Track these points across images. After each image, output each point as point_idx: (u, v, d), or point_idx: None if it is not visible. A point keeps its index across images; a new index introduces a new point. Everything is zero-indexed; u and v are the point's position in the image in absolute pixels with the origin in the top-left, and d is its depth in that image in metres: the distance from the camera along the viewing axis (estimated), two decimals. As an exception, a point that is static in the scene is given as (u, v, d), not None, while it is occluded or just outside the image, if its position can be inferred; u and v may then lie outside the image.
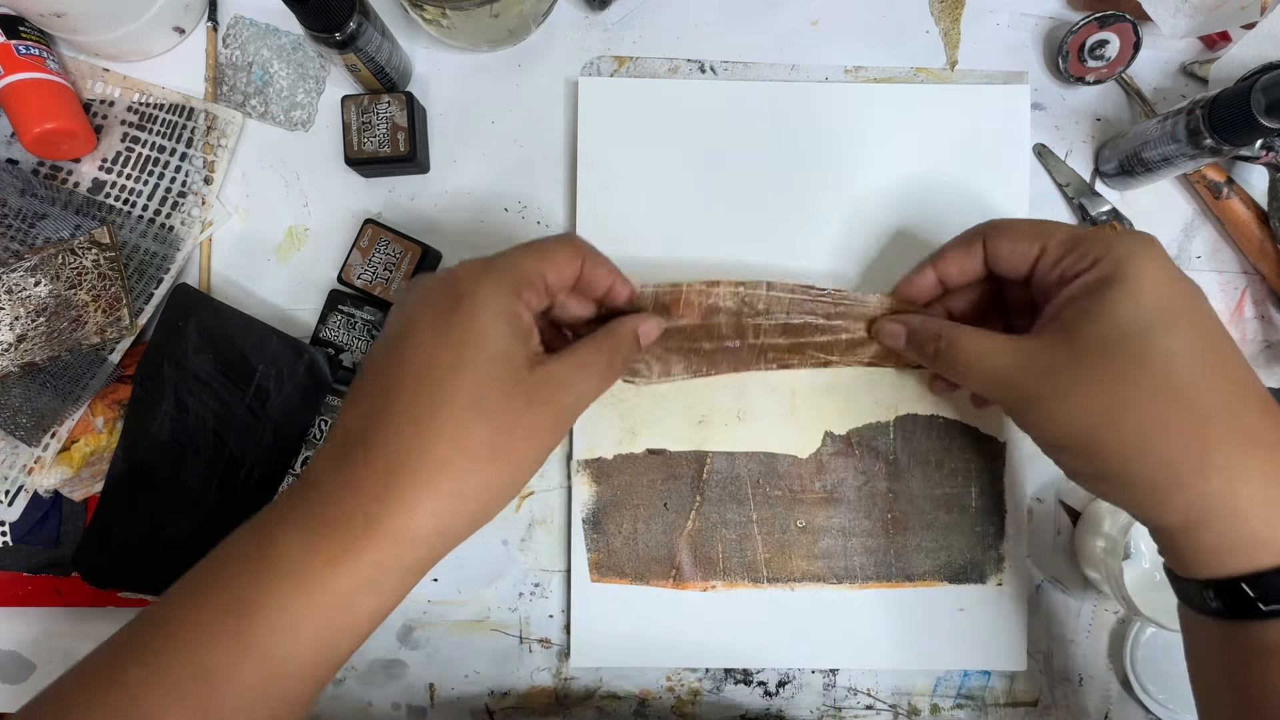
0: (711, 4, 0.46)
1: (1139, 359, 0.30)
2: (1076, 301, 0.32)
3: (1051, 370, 0.32)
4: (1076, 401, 0.31)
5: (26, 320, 0.42)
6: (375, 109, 0.43)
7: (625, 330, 0.37)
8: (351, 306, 0.43)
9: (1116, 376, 0.30)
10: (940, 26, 0.46)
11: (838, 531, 0.44)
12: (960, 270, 0.38)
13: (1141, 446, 0.30)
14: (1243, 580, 0.29)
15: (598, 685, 0.45)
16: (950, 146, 0.45)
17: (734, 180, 0.45)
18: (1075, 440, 0.31)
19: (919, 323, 0.38)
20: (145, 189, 0.45)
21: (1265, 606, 0.29)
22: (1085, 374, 0.31)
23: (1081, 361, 0.31)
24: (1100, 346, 0.31)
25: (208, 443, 0.42)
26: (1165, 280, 0.31)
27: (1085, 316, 0.31)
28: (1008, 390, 0.33)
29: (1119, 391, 0.30)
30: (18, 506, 0.44)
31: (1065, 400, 0.31)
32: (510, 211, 0.46)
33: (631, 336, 0.37)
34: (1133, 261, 0.31)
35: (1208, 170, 0.44)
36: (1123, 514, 0.41)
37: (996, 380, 0.34)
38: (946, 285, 0.39)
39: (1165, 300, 0.31)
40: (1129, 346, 0.30)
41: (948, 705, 0.45)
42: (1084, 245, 0.33)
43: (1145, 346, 0.30)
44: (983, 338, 0.35)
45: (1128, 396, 0.30)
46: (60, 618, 0.45)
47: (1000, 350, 0.34)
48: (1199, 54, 0.46)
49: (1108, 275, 0.31)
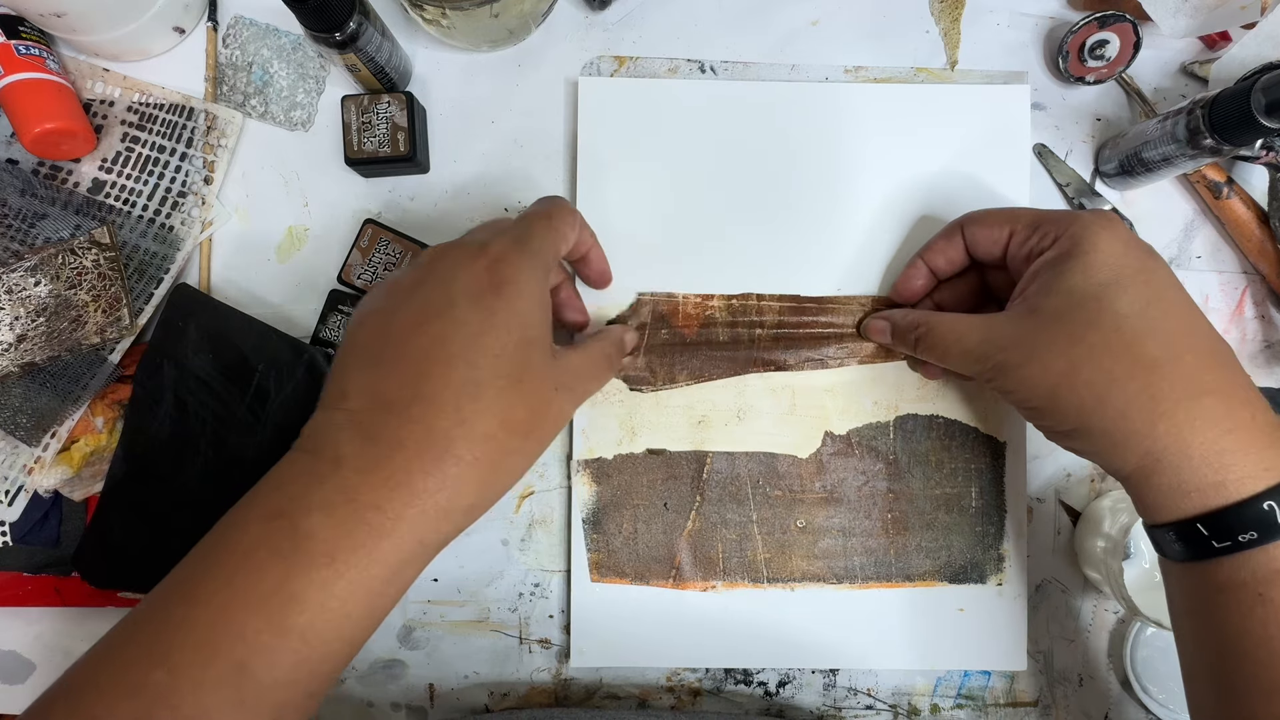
0: (711, 4, 0.46)
1: (1091, 321, 0.33)
2: (1038, 277, 0.35)
3: (1017, 340, 0.35)
4: (1039, 364, 0.34)
5: (26, 320, 0.42)
6: (375, 109, 0.43)
7: (617, 334, 0.41)
8: (351, 306, 0.43)
9: (1071, 338, 0.33)
10: (940, 26, 0.46)
11: (838, 531, 0.44)
12: (947, 260, 0.41)
13: (1095, 399, 0.32)
14: (1198, 521, 0.31)
15: (598, 685, 0.45)
16: (950, 146, 0.45)
17: (734, 180, 0.45)
18: (1041, 400, 0.34)
19: (900, 315, 0.41)
20: (145, 189, 0.45)
21: (1217, 544, 0.31)
22: (1045, 339, 0.34)
23: (1042, 329, 0.34)
24: (1057, 314, 0.34)
25: (208, 443, 0.42)
26: (1118, 249, 0.34)
27: (1045, 290, 0.34)
28: (983, 363, 0.36)
29: (1073, 351, 0.33)
30: (18, 506, 0.44)
31: (1030, 365, 0.34)
32: (510, 211, 0.46)
33: (620, 341, 0.41)
34: (1087, 236, 0.34)
35: (1208, 170, 0.44)
36: (1123, 514, 0.41)
37: (971, 355, 0.37)
38: (937, 276, 0.42)
39: (1116, 267, 0.33)
40: (1083, 311, 0.33)
41: (948, 705, 0.45)
42: (1045, 225, 0.36)
43: (1097, 310, 0.33)
44: (957, 320, 0.38)
45: (1081, 355, 0.33)
46: (60, 618, 0.45)
47: (973, 328, 0.37)
48: (1199, 54, 0.46)
49: (1065, 251, 0.34)
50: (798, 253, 0.45)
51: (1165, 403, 0.31)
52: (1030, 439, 0.45)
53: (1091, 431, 0.33)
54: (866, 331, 0.43)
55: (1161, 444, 0.31)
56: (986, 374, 0.36)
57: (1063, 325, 0.33)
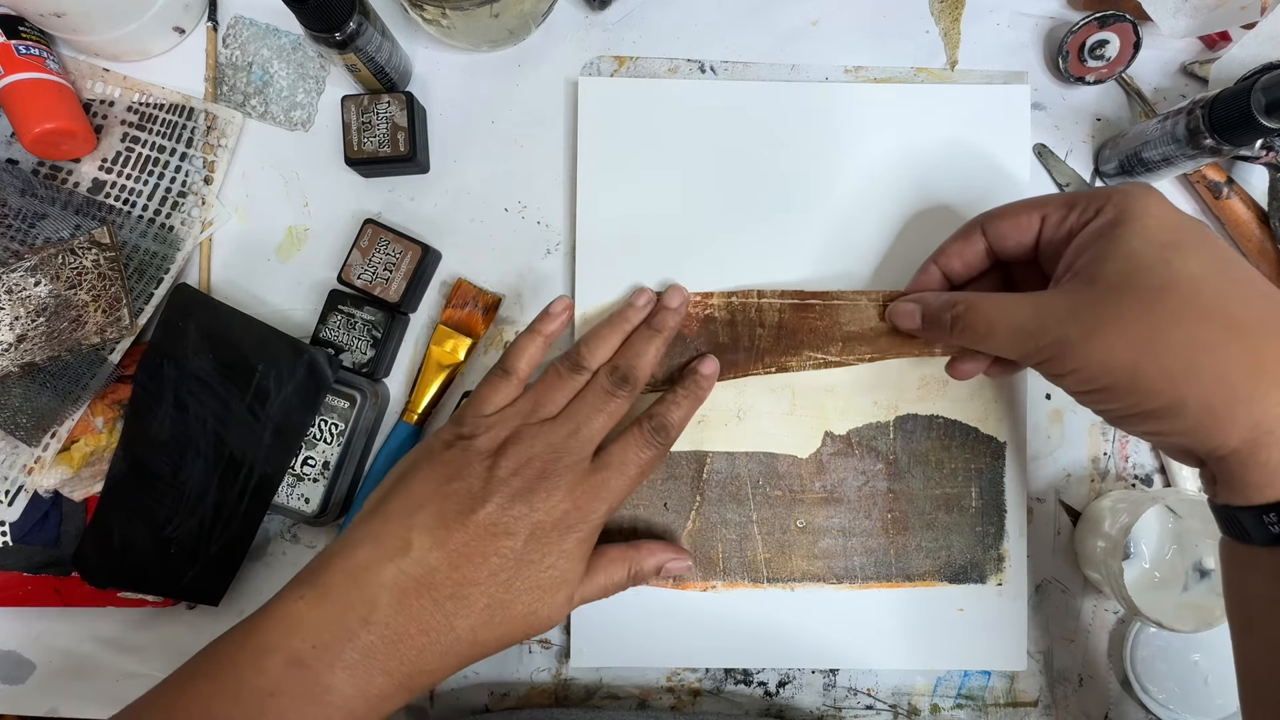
0: (711, 4, 0.46)
1: (1163, 285, 0.30)
2: (1088, 248, 0.32)
3: (1077, 312, 0.31)
4: (1110, 336, 0.30)
5: (26, 320, 0.42)
6: (375, 109, 0.43)
7: (649, 567, 0.40)
8: (351, 306, 0.43)
9: (1145, 304, 0.30)
10: (940, 26, 0.46)
11: (837, 531, 0.44)
12: (963, 263, 0.39)
13: (1186, 366, 0.29)
14: None
15: (598, 685, 0.45)
16: (950, 146, 0.45)
17: (733, 179, 0.45)
18: (1117, 376, 0.30)
19: (933, 296, 0.38)
20: (145, 189, 0.45)
21: None
22: (1112, 308, 0.30)
23: (1107, 298, 0.31)
24: (1122, 280, 0.30)
25: (208, 443, 0.42)
26: (1170, 214, 0.31)
27: (1100, 258, 0.31)
28: (1036, 341, 0.32)
29: (1151, 316, 0.30)
30: (18, 506, 0.44)
31: (1098, 338, 0.30)
32: (510, 211, 0.46)
33: (654, 571, 0.41)
34: (1134, 202, 0.32)
35: (1208, 170, 0.44)
36: (1123, 514, 0.41)
37: (1022, 333, 0.33)
38: (951, 280, 0.40)
39: (1173, 230, 0.31)
40: (1150, 275, 0.30)
41: (948, 705, 0.45)
42: (1084, 200, 0.34)
43: (1167, 273, 0.30)
44: (1001, 297, 0.34)
45: (1161, 318, 0.29)
46: (60, 618, 0.45)
47: (1020, 305, 0.33)
48: (1199, 54, 0.46)
49: (1113, 218, 0.32)
50: (797, 252, 0.45)
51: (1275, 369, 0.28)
52: (1030, 439, 0.45)
53: (1186, 405, 0.29)
54: (893, 316, 0.40)
55: (1275, 413, 0.28)
56: (1042, 353, 0.32)
57: (1132, 291, 0.30)
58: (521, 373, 0.39)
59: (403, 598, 0.32)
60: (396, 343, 0.45)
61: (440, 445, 0.36)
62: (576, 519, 0.35)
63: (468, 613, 0.33)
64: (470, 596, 0.33)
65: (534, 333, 0.40)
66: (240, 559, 0.43)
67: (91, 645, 0.45)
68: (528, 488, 0.34)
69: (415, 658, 0.32)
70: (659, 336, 0.40)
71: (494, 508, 0.34)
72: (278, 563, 0.45)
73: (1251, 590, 0.31)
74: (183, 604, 0.45)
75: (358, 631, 0.32)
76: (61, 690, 0.45)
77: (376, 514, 0.35)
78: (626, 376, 0.38)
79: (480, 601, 0.33)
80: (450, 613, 0.33)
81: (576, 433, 0.36)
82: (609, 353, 0.39)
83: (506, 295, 0.45)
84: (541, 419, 0.36)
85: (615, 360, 0.39)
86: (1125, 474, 0.46)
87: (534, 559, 0.34)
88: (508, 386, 0.38)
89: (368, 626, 0.32)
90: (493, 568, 0.34)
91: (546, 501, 0.34)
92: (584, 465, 0.35)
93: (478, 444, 0.36)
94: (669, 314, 0.41)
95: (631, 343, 0.40)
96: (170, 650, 0.45)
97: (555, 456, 0.35)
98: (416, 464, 0.36)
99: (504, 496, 0.34)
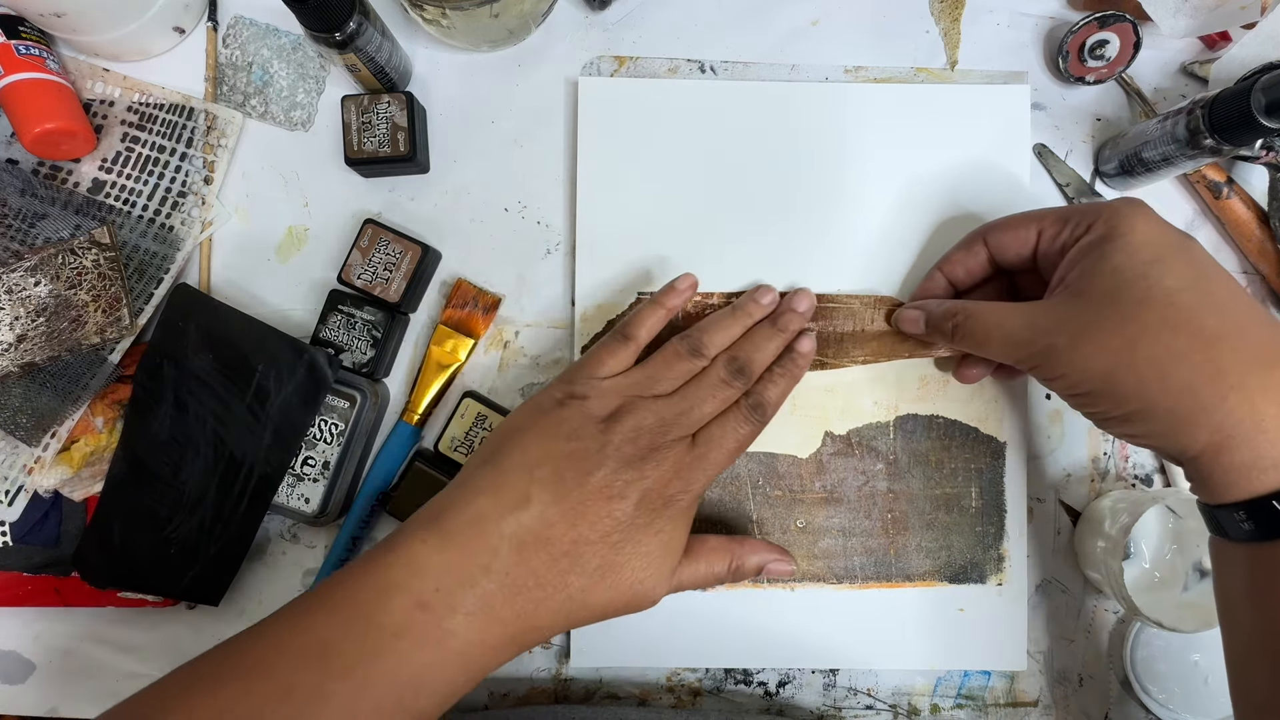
0: (711, 4, 0.46)
1: (1141, 298, 0.32)
2: (1077, 263, 0.35)
3: (1064, 323, 0.34)
4: (1091, 345, 0.33)
5: (26, 320, 0.42)
6: (375, 109, 0.43)
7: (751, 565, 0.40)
8: (351, 306, 0.43)
9: (1123, 317, 0.32)
10: (940, 26, 0.46)
11: (837, 531, 0.44)
12: (966, 271, 0.41)
13: (1157, 376, 0.31)
14: (1273, 498, 0.30)
15: (598, 685, 0.45)
16: (950, 146, 0.45)
17: (734, 180, 0.45)
18: (1096, 382, 0.33)
19: (936, 304, 0.40)
20: (145, 189, 0.45)
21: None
22: (1095, 319, 0.33)
23: (1091, 309, 0.33)
24: (1106, 294, 0.33)
25: (207, 443, 0.42)
26: (1155, 229, 0.34)
27: (1088, 273, 0.34)
28: (1028, 349, 0.35)
29: (1128, 328, 0.32)
30: (18, 506, 0.44)
31: (1080, 346, 0.33)
32: (510, 211, 0.46)
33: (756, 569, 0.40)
34: (1123, 219, 0.34)
35: (1208, 170, 0.44)
36: (1123, 514, 0.41)
37: (1015, 341, 0.35)
38: (956, 287, 0.42)
39: (1157, 246, 0.33)
40: (1131, 289, 0.32)
41: (948, 705, 0.45)
42: (1076, 215, 0.36)
43: (1146, 287, 0.32)
44: (998, 307, 0.37)
45: (1136, 331, 0.32)
46: (60, 618, 0.45)
47: (1015, 314, 0.36)
48: (1199, 54, 0.46)
49: (1102, 234, 0.34)
50: (797, 252, 0.45)
51: (1233, 375, 0.30)
52: (1030, 439, 0.45)
53: (1155, 411, 0.32)
54: (898, 321, 0.42)
55: (1234, 417, 0.30)
56: (1033, 359, 0.35)
57: (1113, 304, 0.33)
58: (640, 341, 0.39)
59: (521, 550, 0.33)
60: (396, 343, 0.45)
61: (551, 403, 0.37)
62: (679, 488, 0.36)
63: (581, 571, 0.34)
64: (584, 555, 0.34)
65: (657, 304, 0.41)
66: (240, 559, 0.43)
67: (91, 645, 0.45)
68: (639, 456, 0.35)
69: (530, 611, 0.33)
70: (780, 336, 0.40)
71: (608, 471, 0.34)
72: (278, 563, 0.45)
73: (1232, 584, 0.33)
74: (183, 604, 0.45)
75: (479, 579, 0.32)
76: (61, 690, 0.45)
77: (493, 465, 0.35)
78: (743, 369, 0.38)
79: (593, 561, 0.34)
80: (565, 569, 0.33)
81: (688, 413, 0.37)
82: (726, 342, 0.40)
83: (506, 295, 0.45)
84: (654, 394, 0.37)
85: (735, 351, 0.39)
86: (1125, 474, 0.46)
87: (642, 523, 0.35)
88: (624, 352, 0.39)
89: (488, 575, 0.32)
90: (605, 529, 0.34)
91: (656, 470, 0.35)
92: (687, 441, 0.37)
93: (590, 407, 0.36)
94: (795, 317, 0.41)
95: (753, 337, 0.40)
96: (170, 650, 0.45)
97: (665, 431, 0.36)
98: (529, 419, 0.36)
99: (617, 461, 0.35)
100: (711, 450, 0.36)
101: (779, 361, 0.40)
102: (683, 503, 0.36)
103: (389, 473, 0.44)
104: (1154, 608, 0.40)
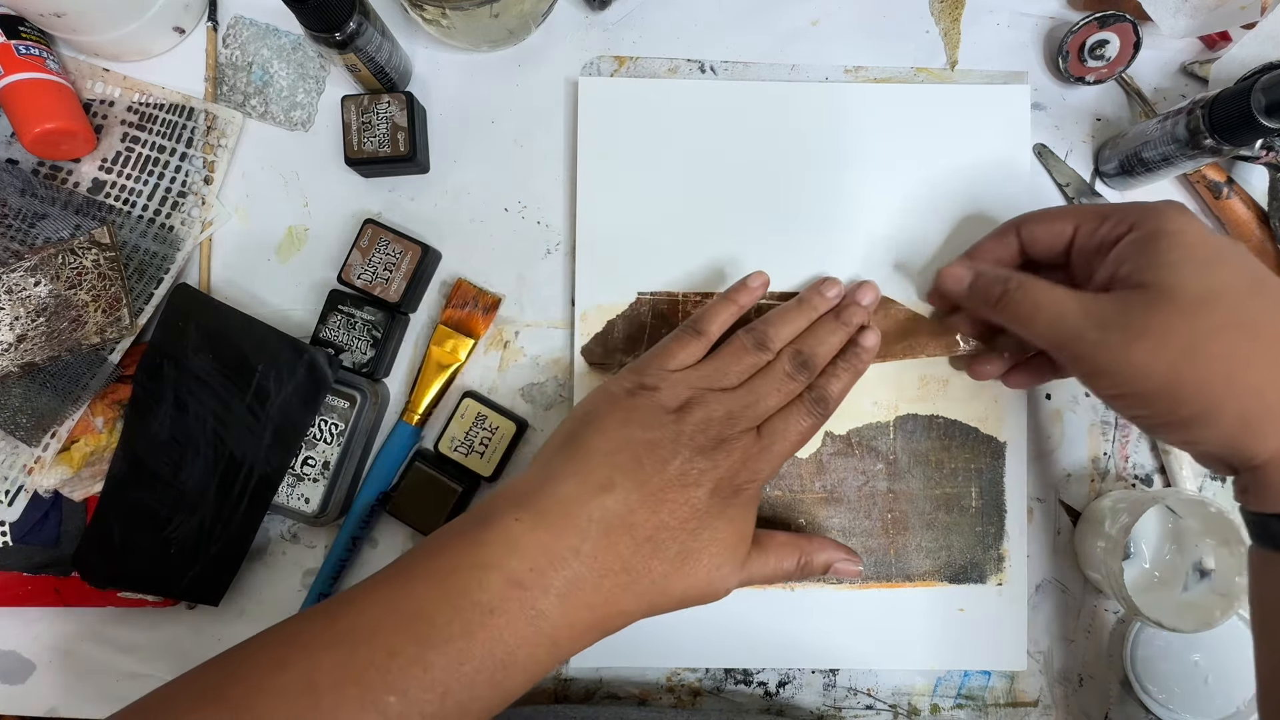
0: (711, 4, 0.46)
1: (1206, 297, 0.31)
2: (1129, 259, 0.34)
3: (1122, 317, 0.32)
4: (1153, 343, 0.31)
5: (26, 320, 0.42)
6: (375, 109, 0.43)
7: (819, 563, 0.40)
8: (351, 306, 0.43)
9: (1188, 314, 0.31)
10: (940, 26, 0.46)
11: (837, 531, 0.44)
12: (995, 260, 0.40)
13: (1226, 377, 0.30)
14: None
15: (598, 685, 0.45)
16: (950, 146, 0.45)
17: (734, 180, 0.45)
18: (1156, 383, 0.32)
19: (988, 268, 0.39)
20: (145, 189, 0.45)
21: None
22: (1157, 316, 0.31)
23: (1151, 306, 0.32)
24: (1167, 290, 0.32)
25: (207, 443, 0.42)
26: (1202, 230, 0.33)
27: (1144, 268, 0.33)
28: (1079, 337, 0.33)
29: (1194, 327, 0.31)
30: (18, 506, 0.44)
31: (1140, 343, 0.31)
32: (510, 211, 0.46)
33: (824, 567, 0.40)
34: (1169, 219, 0.33)
35: (1208, 170, 0.44)
36: (1123, 514, 0.41)
37: (1066, 325, 0.34)
38: None
39: (1211, 246, 0.32)
40: (1193, 287, 0.31)
41: (948, 705, 0.45)
42: (1118, 213, 0.35)
43: (1209, 286, 0.31)
44: (1054, 287, 0.35)
45: (1203, 331, 0.31)
46: (60, 618, 0.45)
47: (1070, 298, 0.34)
48: (1199, 54, 0.46)
49: (1153, 231, 0.33)
50: (797, 252, 0.45)
51: None
52: (1030, 439, 0.45)
53: (1220, 415, 0.31)
54: (941, 279, 0.40)
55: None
56: (1083, 349, 0.33)
57: (1176, 302, 0.31)
58: (712, 336, 0.40)
59: (608, 534, 0.33)
60: (396, 343, 0.45)
61: (622, 392, 0.37)
62: (746, 477, 0.36)
63: (663, 557, 0.34)
64: (665, 542, 0.34)
65: (729, 300, 0.41)
66: (240, 559, 0.43)
67: (91, 645, 0.45)
68: (710, 446, 0.35)
69: (615, 595, 0.33)
70: (844, 330, 0.40)
71: (683, 460, 0.35)
72: (278, 563, 0.45)
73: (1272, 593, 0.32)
74: (183, 604, 0.45)
75: (569, 560, 0.32)
76: (61, 690, 0.45)
77: (574, 450, 0.35)
78: (807, 363, 0.38)
79: (673, 548, 0.34)
80: (648, 555, 0.34)
81: (754, 406, 0.37)
82: (791, 335, 0.40)
83: (506, 295, 0.45)
84: (721, 387, 0.37)
85: (799, 345, 0.39)
86: (1125, 474, 0.46)
87: (716, 511, 0.35)
88: (695, 345, 0.39)
89: (578, 557, 0.32)
90: (683, 515, 0.34)
91: (726, 460, 0.35)
92: (753, 433, 0.37)
93: (661, 398, 0.36)
94: (859, 310, 0.41)
95: (816, 331, 0.40)
96: (170, 650, 0.45)
97: (733, 423, 0.36)
98: (603, 407, 0.37)
99: (690, 450, 0.35)
100: (776, 442, 0.37)
101: (842, 355, 0.40)
102: (750, 491, 0.36)
103: (389, 473, 0.44)
104: (1154, 608, 0.40)
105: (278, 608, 0.45)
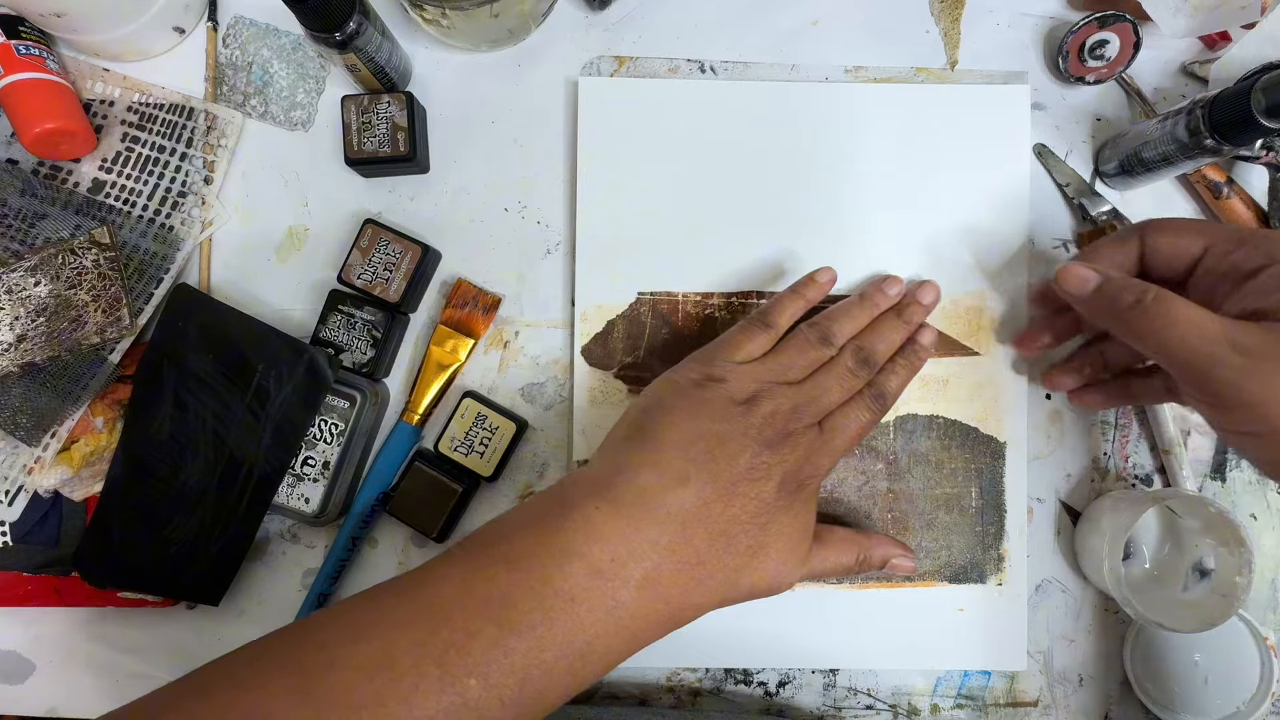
0: (711, 4, 0.46)
1: None
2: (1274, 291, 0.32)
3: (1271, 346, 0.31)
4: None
5: (26, 320, 0.42)
6: (375, 109, 0.43)
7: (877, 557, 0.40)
8: (351, 306, 0.43)
9: None
10: (940, 26, 0.46)
11: (838, 531, 0.44)
12: (1116, 266, 0.38)
13: None
14: None
15: (598, 685, 0.45)
16: (950, 146, 0.45)
17: (734, 180, 0.45)
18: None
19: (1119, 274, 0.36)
20: (145, 189, 0.45)
21: None
22: None
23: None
24: None
25: (207, 443, 0.42)
26: None
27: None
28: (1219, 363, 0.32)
29: None
30: (18, 506, 0.44)
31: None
32: (510, 211, 0.46)
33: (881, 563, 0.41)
34: None
35: (1208, 170, 0.44)
36: (1123, 514, 0.41)
37: (1206, 348, 0.32)
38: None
39: None
40: None
41: (948, 705, 0.45)
42: (1255, 240, 0.34)
43: None
44: (1191, 304, 0.33)
45: None
46: (60, 618, 0.45)
47: (1211, 320, 0.32)
48: (1199, 54, 0.46)
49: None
50: (797, 252, 0.45)
51: None
52: (1030, 439, 0.45)
53: None
54: (1062, 278, 0.37)
55: None
56: (1225, 374, 0.31)
57: None
58: (780, 329, 0.39)
59: (685, 526, 0.33)
60: (396, 343, 0.45)
61: (689, 383, 0.37)
62: (809, 472, 0.36)
63: (735, 551, 0.34)
64: (736, 535, 0.34)
65: (797, 294, 0.41)
66: (240, 559, 0.43)
67: (91, 645, 0.45)
68: (777, 440, 0.35)
69: (690, 588, 0.33)
70: (904, 328, 0.40)
71: (752, 454, 0.35)
72: (278, 563, 0.45)
73: None
74: (183, 604, 0.45)
75: (647, 552, 0.32)
76: (61, 690, 0.45)
77: (645, 440, 0.35)
78: (868, 360, 0.38)
79: (744, 541, 0.34)
80: (722, 548, 0.33)
81: (817, 400, 0.37)
82: (853, 331, 0.40)
83: (506, 295, 0.45)
84: (786, 381, 0.37)
85: (861, 342, 0.39)
86: (1125, 474, 0.46)
87: (782, 505, 0.35)
88: (762, 338, 0.39)
89: (655, 549, 0.32)
90: (754, 509, 0.34)
91: (792, 454, 0.35)
92: (816, 427, 0.37)
93: (729, 389, 0.36)
94: (921, 309, 0.41)
95: (878, 328, 0.40)
96: (170, 650, 0.45)
97: (797, 417, 0.36)
98: (672, 397, 0.36)
99: (759, 444, 0.35)
100: (836, 437, 0.37)
101: (901, 352, 0.40)
102: (812, 486, 0.37)
103: (389, 473, 0.44)
104: (1154, 608, 0.40)
105: (278, 608, 0.45)
